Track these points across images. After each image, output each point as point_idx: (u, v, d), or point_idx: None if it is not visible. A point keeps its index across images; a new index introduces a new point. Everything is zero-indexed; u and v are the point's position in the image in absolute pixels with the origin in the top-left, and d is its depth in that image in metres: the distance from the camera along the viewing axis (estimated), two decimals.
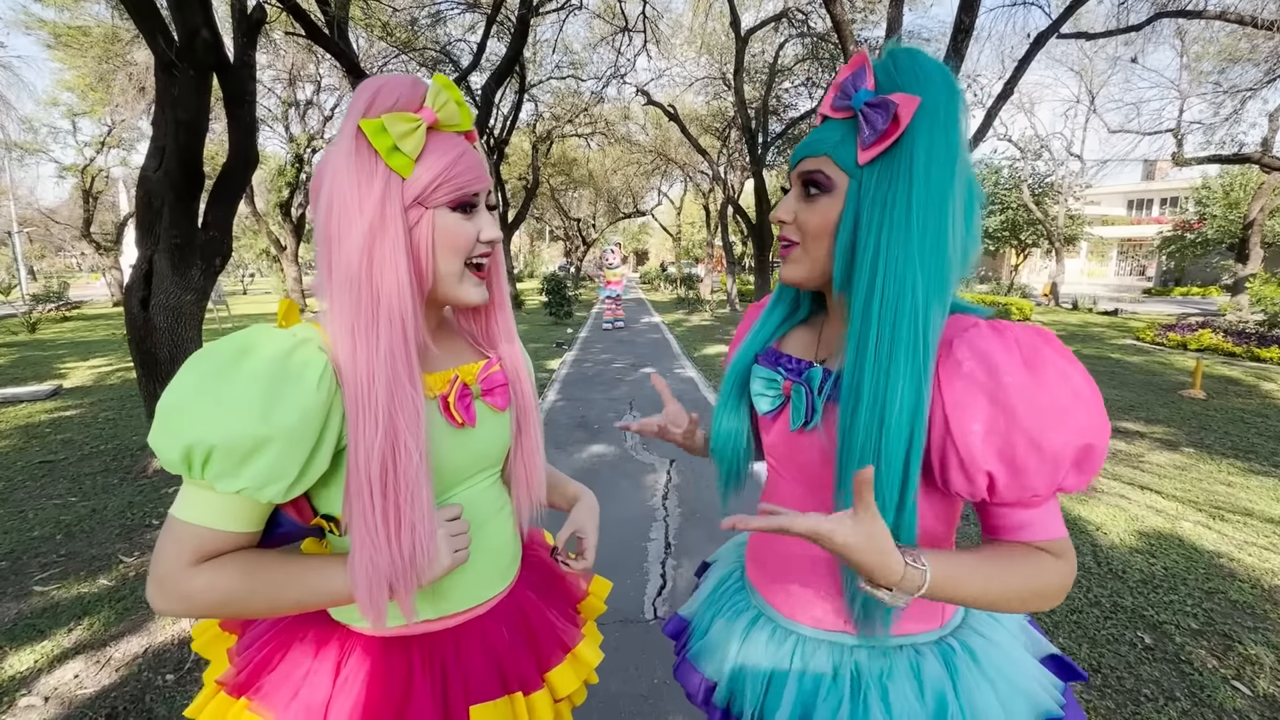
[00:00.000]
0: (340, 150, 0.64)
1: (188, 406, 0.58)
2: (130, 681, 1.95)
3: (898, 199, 0.61)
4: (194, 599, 0.61)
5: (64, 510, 3.27)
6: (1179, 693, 1.91)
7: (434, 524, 0.66)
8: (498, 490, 0.82)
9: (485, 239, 0.70)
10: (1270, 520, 3.16)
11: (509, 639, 0.77)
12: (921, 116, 0.61)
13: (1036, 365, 0.59)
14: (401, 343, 0.63)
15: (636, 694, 1.87)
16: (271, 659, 0.72)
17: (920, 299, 0.61)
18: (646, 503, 3.37)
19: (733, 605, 0.86)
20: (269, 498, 0.61)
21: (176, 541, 0.61)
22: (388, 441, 0.62)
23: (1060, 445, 0.58)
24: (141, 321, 3.67)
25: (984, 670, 0.70)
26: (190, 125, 3.40)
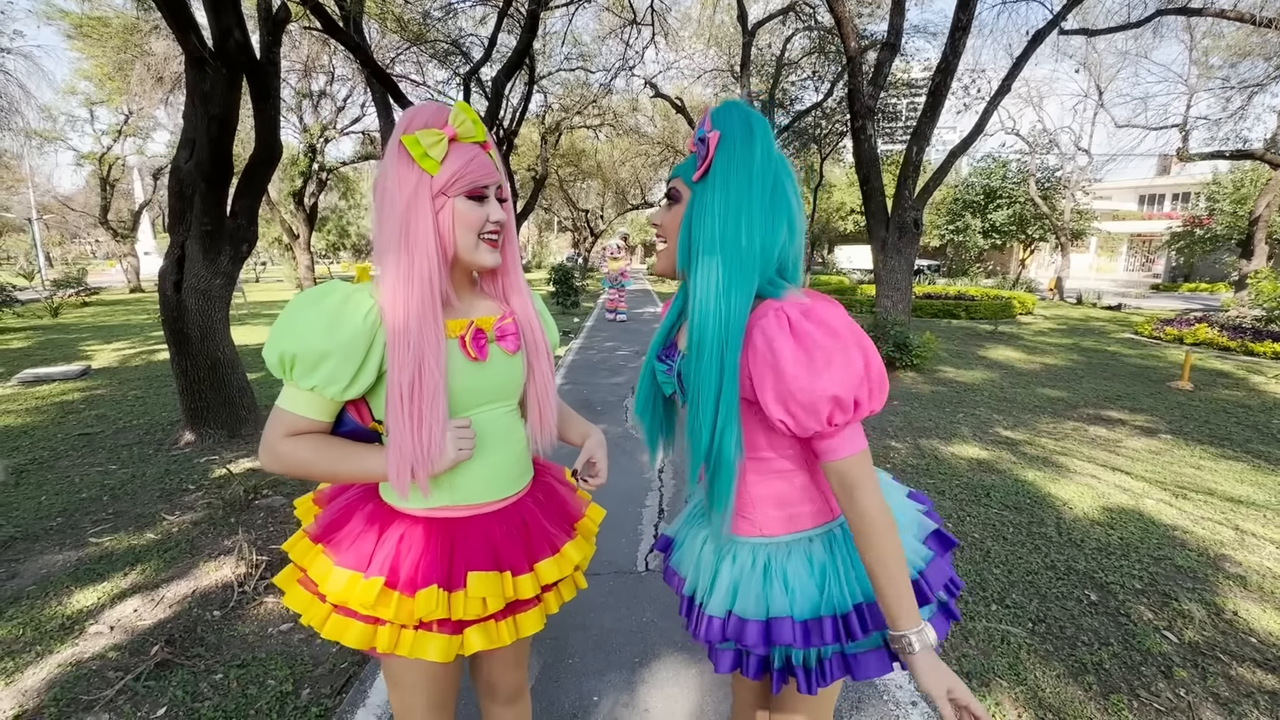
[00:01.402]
0: (389, 159, 0.92)
1: (283, 329, 0.88)
2: (182, 616, 2.21)
3: (711, 205, 0.86)
4: (283, 459, 0.92)
5: (107, 476, 3.55)
6: (1113, 639, 2.13)
7: (445, 425, 0.92)
8: (511, 418, 1.07)
9: (493, 220, 0.95)
10: (1230, 499, 3.36)
11: (505, 534, 1.01)
12: (722, 146, 0.86)
13: (799, 337, 0.82)
14: (429, 291, 0.90)
15: (627, 629, 2.12)
16: (341, 522, 1.01)
17: (722, 279, 0.85)
18: (643, 474, 3.61)
19: (697, 526, 1.11)
20: (331, 395, 0.89)
21: (276, 420, 0.92)
22: (416, 362, 0.88)
23: (811, 397, 0.80)
24: (174, 303, 3.93)
25: (852, 547, 0.96)
26: (222, 119, 3.64)
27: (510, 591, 0.97)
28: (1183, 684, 1.92)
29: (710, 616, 0.97)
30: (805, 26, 11.97)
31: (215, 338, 4.08)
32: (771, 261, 0.88)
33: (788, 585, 0.93)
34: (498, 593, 0.96)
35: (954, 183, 24.93)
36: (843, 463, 0.85)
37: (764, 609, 0.93)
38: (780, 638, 0.90)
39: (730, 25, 13.56)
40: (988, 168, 24.37)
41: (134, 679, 1.88)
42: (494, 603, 0.96)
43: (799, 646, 0.90)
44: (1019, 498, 3.33)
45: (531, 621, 1.02)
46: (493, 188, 0.96)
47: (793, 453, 0.94)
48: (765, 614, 0.93)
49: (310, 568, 0.98)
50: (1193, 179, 27.38)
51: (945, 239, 26.35)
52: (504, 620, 1.00)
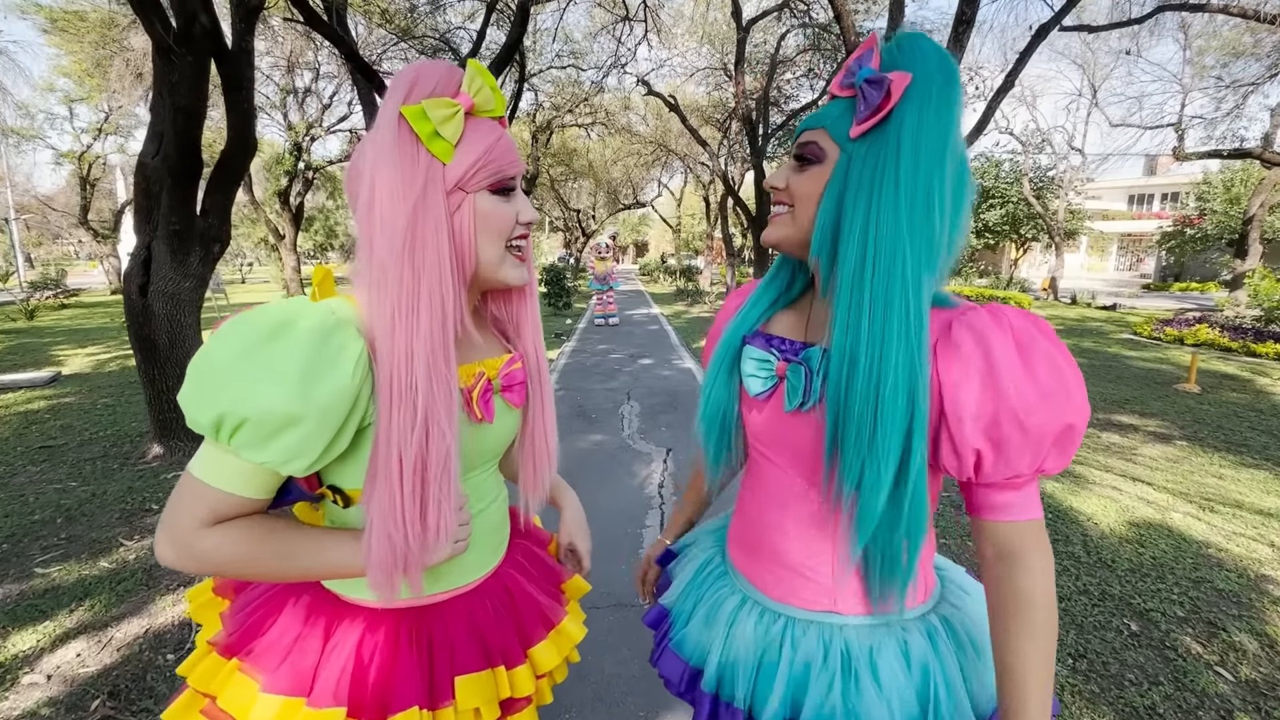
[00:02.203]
0: (381, 137, 0.64)
1: (226, 373, 0.59)
2: (131, 661, 1.98)
3: (885, 173, 0.63)
4: (204, 558, 0.63)
5: (64, 495, 3.29)
6: (1163, 678, 1.94)
7: (456, 506, 0.67)
8: (495, 479, 0.85)
9: (524, 220, 0.72)
10: (1259, 512, 3.19)
11: (494, 615, 0.80)
12: (912, 93, 0.62)
13: (1027, 349, 0.61)
14: (440, 326, 0.64)
15: (630, 675, 1.91)
16: (263, 623, 0.74)
17: (910, 270, 0.62)
18: (643, 490, 3.40)
19: (715, 590, 0.86)
20: (292, 471, 0.62)
21: (193, 500, 0.62)
22: (424, 424, 0.63)
23: (1042, 425, 0.60)
24: (140, 308, 3.68)
25: (963, 644, 0.73)
26: (188, 111, 3.40)
27: (505, 690, 0.75)
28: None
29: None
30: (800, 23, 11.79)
31: (185, 344, 3.82)
32: (951, 256, 0.66)
33: (881, 688, 0.69)
34: (492, 697, 0.74)
35: None
36: (1023, 526, 0.64)
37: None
38: None
39: (724, 22, 13.37)
40: (981, 167, 24.35)
41: None
42: (489, 712, 0.74)
43: None
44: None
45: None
46: (519, 178, 0.73)
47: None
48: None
49: (221, 694, 0.70)
50: (1182, 178, 27.50)
51: None
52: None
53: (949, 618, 0.76)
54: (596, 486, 3.45)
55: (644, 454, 4.01)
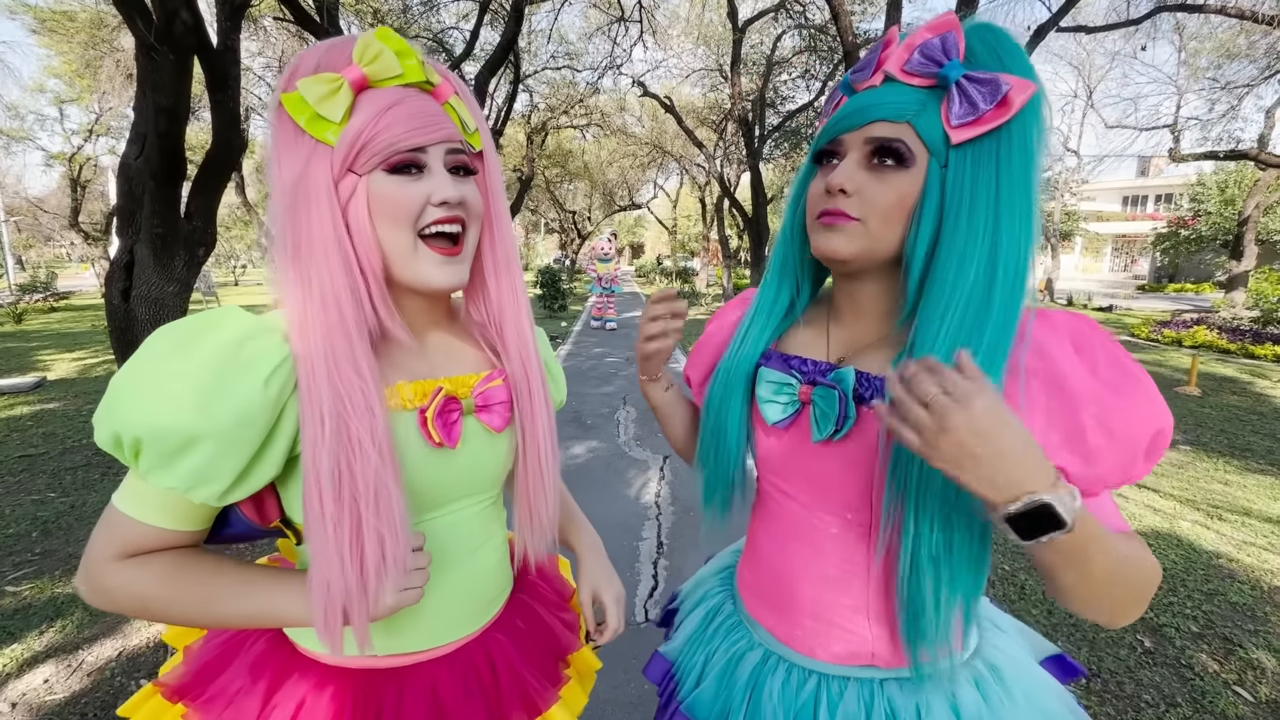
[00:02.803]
0: (270, 134, 0.58)
1: (128, 388, 0.53)
2: (102, 686, 1.88)
3: (987, 193, 0.56)
4: (112, 595, 0.58)
5: (42, 506, 3.19)
6: (1180, 698, 1.87)
7: (401, 543, 0.58)
8: (486, 519, 0.74)
9: (437, 200, 0.60)
10: (1268, 519, 3.13)
11: (463, 691, 0.69)
12: (1031, 107, 0.56)
13: (1086, 349, 0.55)
14: (339, 328, 0.57)
15: (626, 701, 1.82)
16: (216, 667, 0.67)
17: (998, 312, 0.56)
18: (639, 500, 3.31)
19: (730, 643, 0.77)
20: (201, 499, 0.55)
21: (107, 530, 0.58)
22: (338, 437, 0.56)
23: (1129, 427, 0.53)
24: (122, 313, 3.58)
25: (1013, 693, 0.65)
26: (170, 111, 3.30)
27: None
28: None
29: None
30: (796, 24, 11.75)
31: None
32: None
33: None
34: None
35: None
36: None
37: None
38: None
39: (720, 23, 13.32)
40: None
41: None
42: None
43: None
44: None
45: None
46: (437, 149, 0.60)
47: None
48: None
49: None
50: (1176, 180, 27.62)
51: None
52: None
53: (995, 663, 0.68)
54: (591, 496, 3.36)
55: (640, 461, 3.92)
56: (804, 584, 0.69)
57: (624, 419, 4.96)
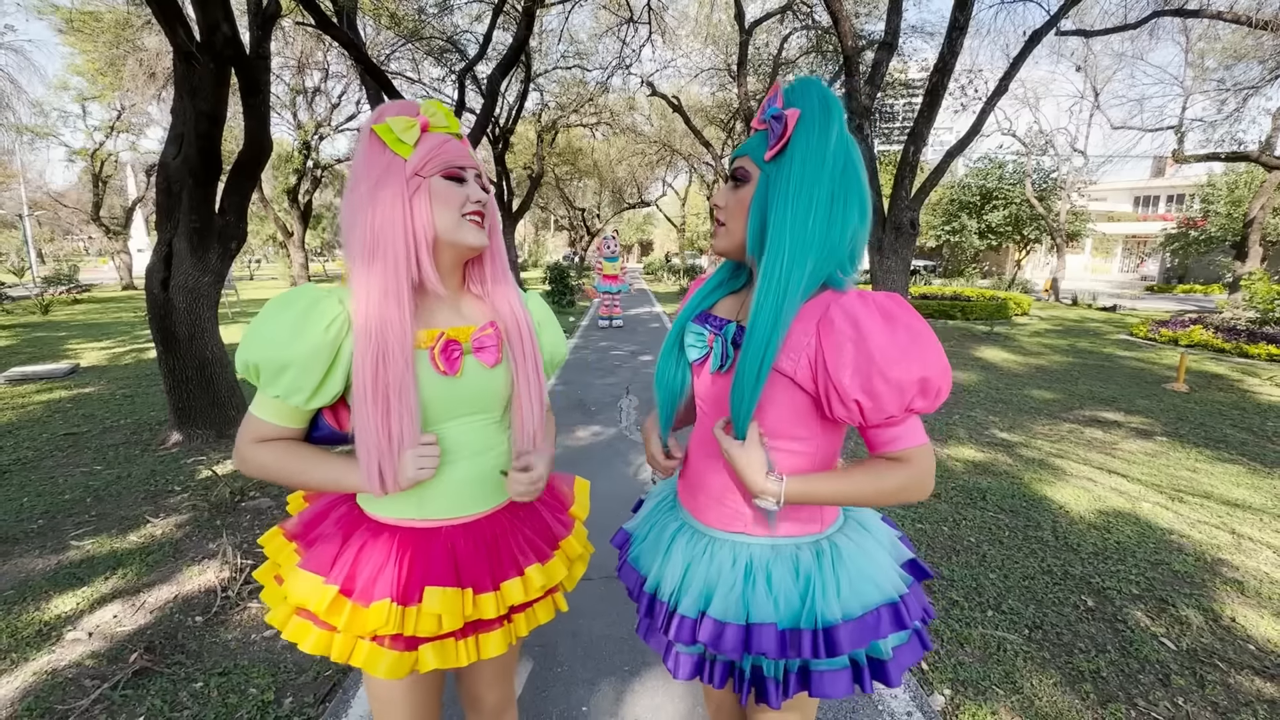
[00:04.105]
0: (359, 151, 0.90)
1: (250, 335, 0.87)
2: (164, 622, 2.17)
3: (784, 186, 0.82)
4: (249, 464, 0.92)
5: (91, 477, 3.49)
6: (1110, 646, 2.10)
7: (415, 416, 0.89)
8: (489, 431, 1.01)
9: (474, 199, 0.93)
10: (1227, 502, 3.34)
11: (471, 548, 0.97)
12: (800, 125, 0.82)
13: (889, 319, 0.80)
14: (393, 273, 0.87)
15: (618, 637, 2.08)
16: (316, 521, 1.00)
17: (786, 262, 0.82)
18: (637, 477, 3.57)
19: (664, 519, 1.07)
20: (295, 403, 0.88)
21: (246, 424, 0.92)
22: (378, 349, 0.85)
23: (902, 376, 0.78)
24: (162, 301, 3.87)
25: (844, 562, 0.92)
26: (210, 115, 3.58)
27: (470, 610, 0.93)
28: (1181, 692, 1.89)
29: (682, 616, 0.93)
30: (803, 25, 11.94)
31: (204, 336, 4.02)
32: (843, 246, 0.86)
33: (771, 589, 0.89)
34: (456, 611, 0.91)
35: (950, 183, 24.98)
36: (911, 451, 0.84)
37: (743, 612, 0.89)
38: (760, 645, 0.86)
39: (727, 24, 13.51)
40: (984, 168, 24.42)
41: (111, 688, 1.83)
42: (451, 621, 0.91)
43: (773, 657, 0.86)
44: (1015, 500, 3.30)
45: (494, 643, 0.97)
46: (470, 172, 0.94)
47: (813, 446, 0.90)
48: (745, 618, 0.89)
49: (282, 565, 0.98)
50: (1187, 181, 27.48)
51: (941, 239, 26.40)
52: (464, 640, 0.96)
53: (839, 544, 0.94)
54: (594, 474, 3.62)
55: (639, 444, 4.18)
56: (708, 475, 0.98)
57: (626, 406, 5.22)
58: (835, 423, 0.88)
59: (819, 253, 0.83)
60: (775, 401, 0.87)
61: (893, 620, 0.88)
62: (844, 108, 0.88)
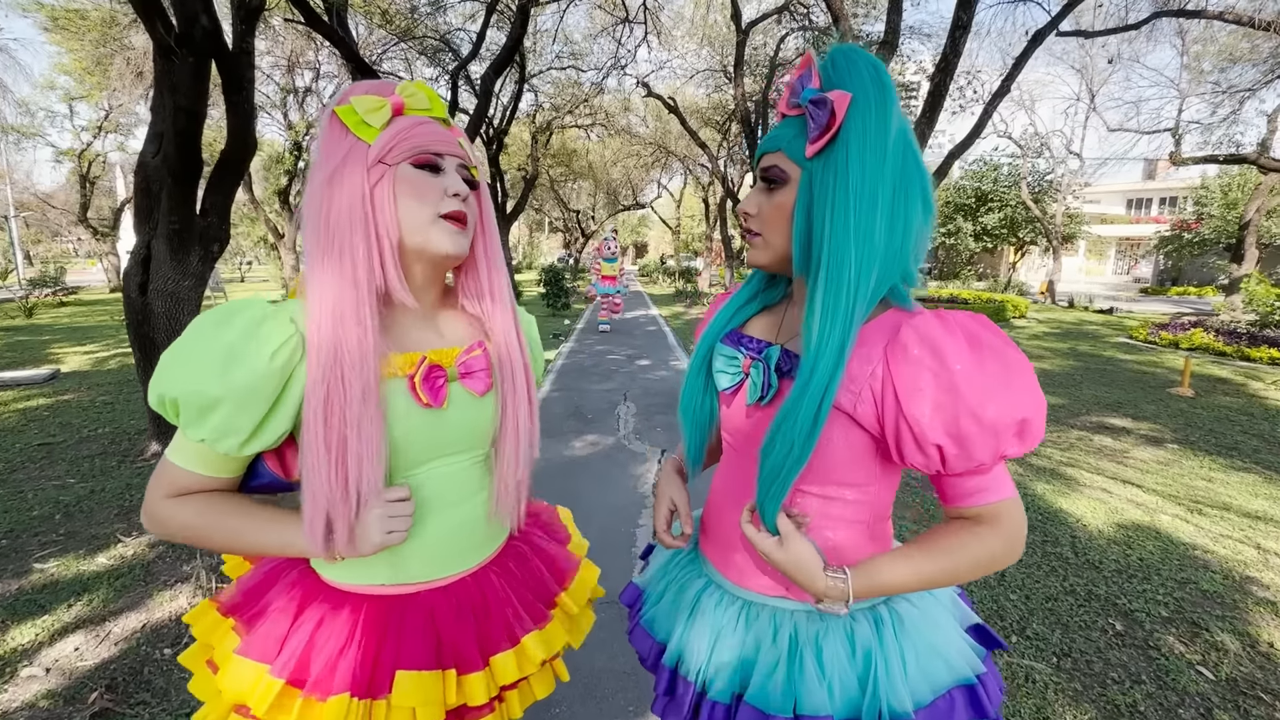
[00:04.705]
0: (318, 138, 0.74)
1: (170, 360, 0.69)
2: (129, 655, 2.00)
3: (837, 185, 0.67)
4: (163, 524, 0.74)
5: (63, 491, 3.32)
6: (1145, 676, 1.97)
7: (379, 455, 0.71)
8: (475, 474, 0.85)
9: (452, 192, 0.76)
10: (1247, 514, 3.23)
11: (455, 618, 0.80)
12: (854, 110, 0.66)
13: (977, 347, 0.65)
14: (349, 277, 0.70)
15: (620, 671, 1.94)
16: (260, 590, 0.81)
17: (850, 279, 0.66)
18: (636, 489, 3.43)
19: (684, 575, 0.91)
20: (225, 449, 0.70)
21: (159, 474, 0.74)
22: (331, 376, 0.69)
23: (998, 418, 0.63)
24: (140, 306, 3.71)
25: (909, 634, 0.76)
26: (189, 111, 3.42)
27: (453, 697, 0.77)
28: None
29: (713, 701, 0.77)
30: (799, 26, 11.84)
31: None
32: (908, 250, 0.71)
33: (824, 670, 0.73)
34: (435, 699, 0.75)
35: (945, 185, 24.96)
36: (1000, 507, 0.69)
37: (790, 699, 0.73)
38: None
39: (724, 25, 13.41)
40: (979, 170, 24.42)
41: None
42: (429, 714, 0.75)
43: None
44: (1030, 514, 3.18)
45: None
46: (451, 160, 0.77)
47: (869, 494, 0.76)
48: (793, 708, 0.72)
49: (217, 648, 0.79)
50: (1180, 183, 27.59)
51: (937, 241, 26.40)
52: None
53: (899, 610, 0.79)
54: (591, 485, 3.48)
55: (639, 454, 4.04)
56: (738, 529, 0.81)
57: (624, 414, 5.07)
58: (896, 465, 0.74)
59: (884, 262, 0.68)
60: (828, 441, 0.72)
61: (969, 707, 0.73)
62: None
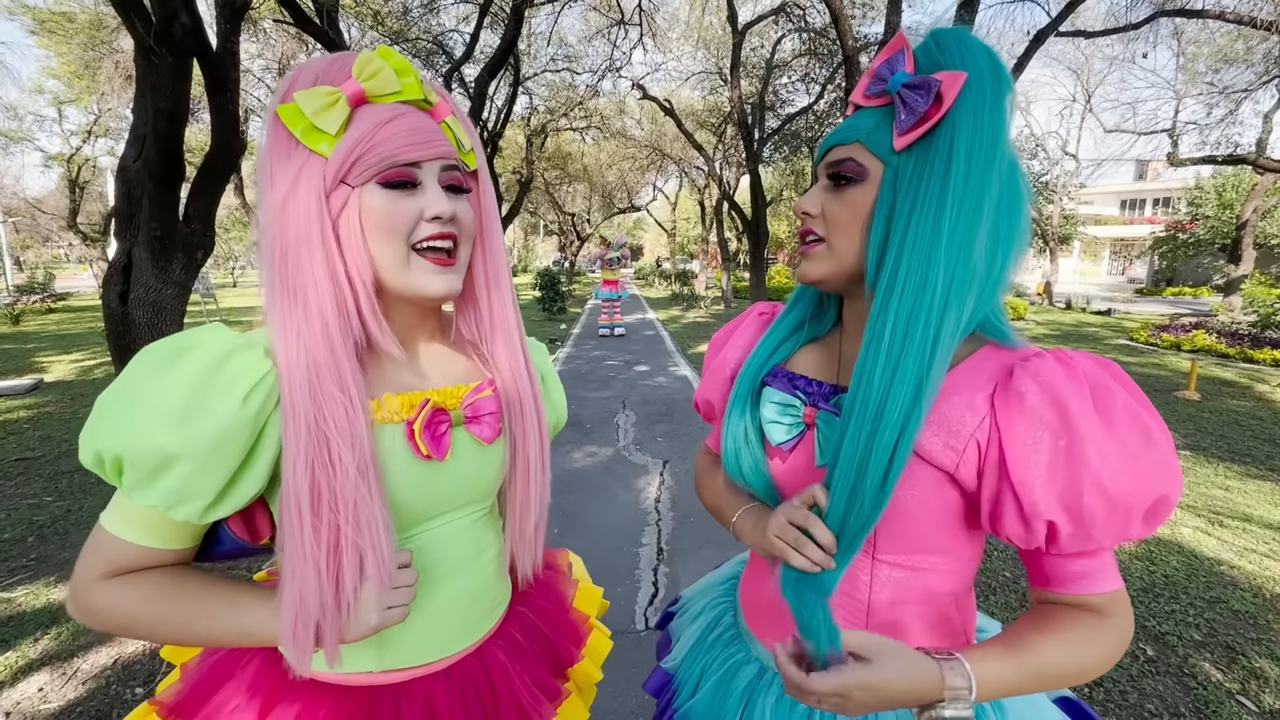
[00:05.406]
0: (262, 146, 0.58)
1: (109, 408, 0.54)
2: (97, 695, 1.86)
3: (933, 185, 0.54)
4: (98, 615, 0.58)
5: (38, 511, 3.17)
6: (1184, 708, 1.86)
7: (392, 557, 0.58)
8: (480, 530, 0.73)
9: (430, 216, 0.60)
10: (1269, 526, 3.12)
11: (460, 708, 0.68)
12: (966, 95, 0.54)
13: (1107, 405, 0.53)
14: (323, 340, 0.57)
15: (625, 711, 1.81)
16: (212, 685, 0.66)
17: (938, 300, 0.54)
18: (638, 505, 3.29)
19: (728, 657, 0.77)
20: (183, 517, 0.55)
21: (94, 549, 0.58)
22: (318, 452, 0.55)
23: (1130, 495, 0.51)
24: (120, 316, 3.56)
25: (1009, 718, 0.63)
26: (169, 113, 3.28)
27: None
28: None
29: None
30: (796, 28, 11.77)
31: None
32: (1005, 274, 0.58)
33: None
34: None
35: None
36: (1110, 599, 0.56)
37: None
38: None
39: (719, 26, 13.34)
40: None
41: None
42: None
43: None
44: None
45: None
46: (432, 165, 0.60)
47: (959, 564, 0.63)
48: None
49: None
50: (1174, 184, 27.68)
51: None
52: None
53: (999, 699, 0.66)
54: (591, 501, 3.34)
55: (640, 466, 3.91)
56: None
57: (623, 423, 4.94)
58: (977, 527, 0.61)
59: (983, 286, 0.56)
60: (914, 500, 0.59)
61: None
62: None
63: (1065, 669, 0.55)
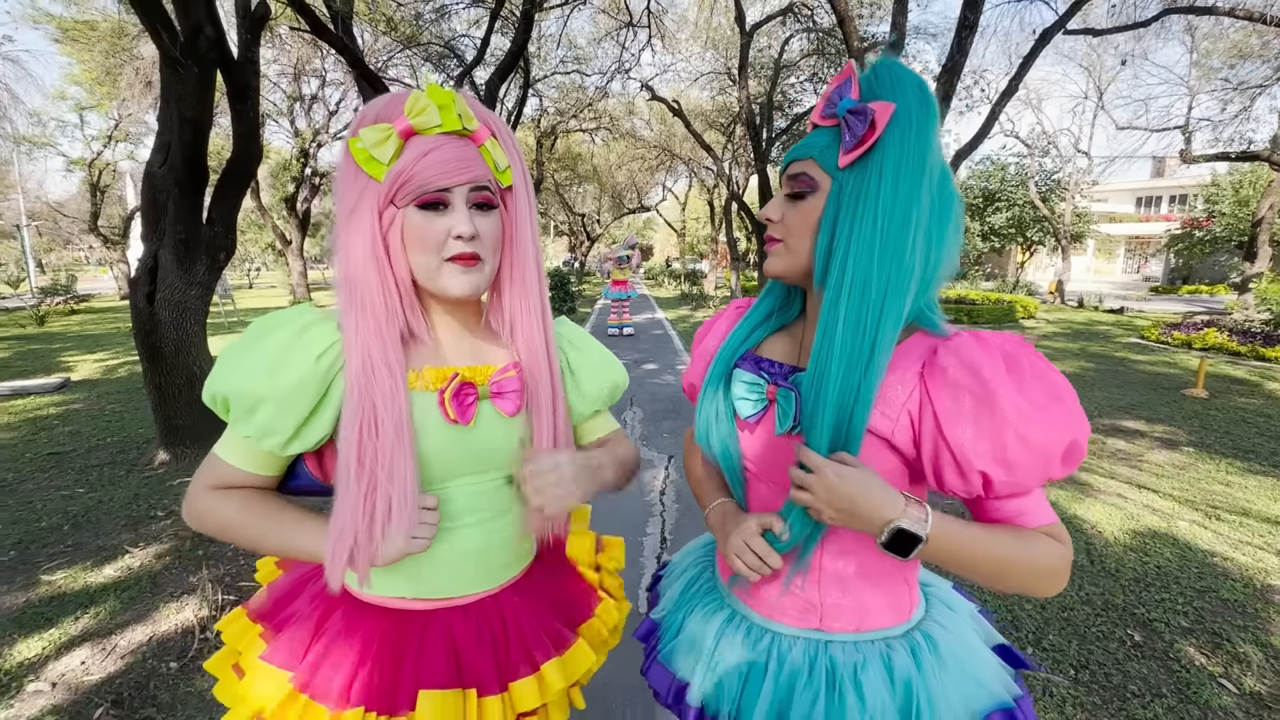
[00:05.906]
0: (338, 170, 0.73)
1: (224, 360, 0.72)
2: (135, 669, 1.99)
3: (868, 199, 0.65)
4: (200, 518, 0.76)
5: (71, 501, 3.33)
6: (1165, 689, 1.93)
7: (411, 498, 0.71)
8: (502, 494, 0.84)
9: (456, 234, 0.72)
10: (1267, 520, 3.16)
11: (475, 638, 0.79)
12: (894, 123, 0.64)
13: (1017, 369, 0.63)
14: (373, 328, 0.72)
15: (627, 686, 1.90)
16: (289, 597, 0.83)
17: (875, 296, 0.64)
18: (644, 498, 3.40)
19: (705, 605, 0.87)
20: (268, 447, 0.72)
21: (207, 467, 0.76)
22: (364, 415, 0.70)
23: (1046, 442, 0.61)
24: (147, 316, 3.72)
25: (945, 661, 0.73)
26: (194, 122, 3.43)
27: (474, 716, 0.75)
28: None
29: None
30: (804, 28, 11.81)
31: (191, 352, 3.86)
32: (938, 271, 0.69)
33: (865, 706, 0.70)
34: (456, 719, 0.74)
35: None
36: (1050, 529, 0.67)
37: None
38: None
39: (728, 27, 13.39)
40: (986, 170, 24.28)
41: None
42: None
43: None
44: None
45: None
46: (460, 190, 0.72)
47: None
48: None
49: (245, 654, 0.80)
50: (1190, 181, 27.31)
51: None
52: None
53: (933, 634, 0.76)
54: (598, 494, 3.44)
55: (646, 460, 4.01)
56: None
57: (631, 419, 5.05)
58: (923, 490, 0.71)
59: (908, 283, 0.65)
60: (864, 463, 0.69)
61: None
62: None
63: (1007, 551, 0.65)
